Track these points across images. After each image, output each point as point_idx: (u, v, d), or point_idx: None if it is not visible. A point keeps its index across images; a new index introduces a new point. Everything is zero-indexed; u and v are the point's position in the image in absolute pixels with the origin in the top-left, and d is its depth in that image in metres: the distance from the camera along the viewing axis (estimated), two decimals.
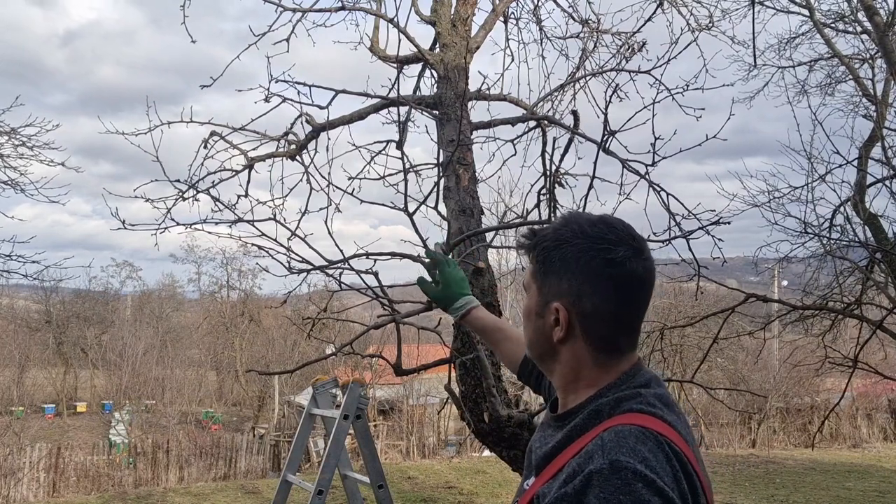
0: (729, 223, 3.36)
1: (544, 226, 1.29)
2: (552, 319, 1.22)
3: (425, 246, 2.64)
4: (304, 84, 3.81)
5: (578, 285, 1.19)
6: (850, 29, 8.04)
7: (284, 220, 3.23)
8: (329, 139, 3.62)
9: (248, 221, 3.31)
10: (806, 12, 7.66)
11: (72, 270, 19.17)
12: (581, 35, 4.81)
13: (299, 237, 3.13)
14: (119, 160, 55.20)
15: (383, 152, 3.87)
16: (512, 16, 4.79)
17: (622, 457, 1.03)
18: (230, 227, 3.44)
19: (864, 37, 7.85)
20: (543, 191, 3.68)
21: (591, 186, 3.00)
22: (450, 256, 2.09)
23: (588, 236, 1.20)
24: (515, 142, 4.33)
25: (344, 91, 3.83)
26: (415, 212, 2.83)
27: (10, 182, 7.87)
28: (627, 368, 1.22)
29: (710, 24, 5.09)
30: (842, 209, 6.07)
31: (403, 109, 3.86)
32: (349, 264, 3.07)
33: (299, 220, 3.41)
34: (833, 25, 8.08)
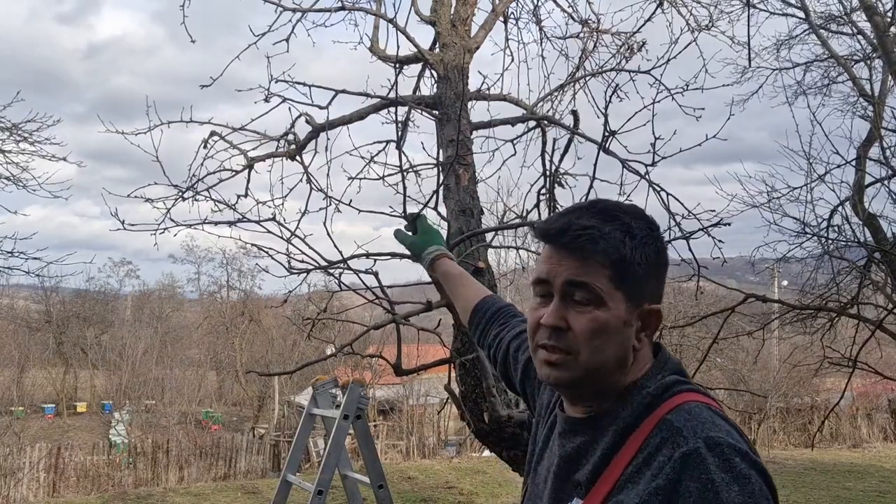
0: (729, 224, 3.38)
1: (589, 223, 1.12)
2: (639, 325, 1.13)
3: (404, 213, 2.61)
4: (304, 84, 3.82)
5: (658, 283, 1.16)
6: (845, 30, 8.03)
7: (284, 220, 3.23)
8: (329, 139, 3.63)
9: (249, 220, 3.32)
10: (801, 14, 7.65)
11: (72, 267, 19.43)
12: (581, 35, 4.81)
13: (299, 237, 3.14)
14: (130, 164, 55.25)
15: (383, 152, 3.89)
16: (512, 16, 4.79)
17: (712, 433, 0.99)
18: (230, 226, 3.45)
19: (860, 37, 7.84)
20: (543, 191, 3.69)
21: (591, 186, 3.01)
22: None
23: (652, 229, 1.15)
24: (515, 142, 4.33)
25: (344, 91, 3.84)
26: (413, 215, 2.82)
27: (12, 178, 7.88)
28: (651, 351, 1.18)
29: (710, 25, 5.10)
30: (840, 209, 6.08)
31: (403, 109, 3.87)
32: (348, 264, 3.08)
33: (299, 221, 3.41)
34: (827, 27, 8.06)
